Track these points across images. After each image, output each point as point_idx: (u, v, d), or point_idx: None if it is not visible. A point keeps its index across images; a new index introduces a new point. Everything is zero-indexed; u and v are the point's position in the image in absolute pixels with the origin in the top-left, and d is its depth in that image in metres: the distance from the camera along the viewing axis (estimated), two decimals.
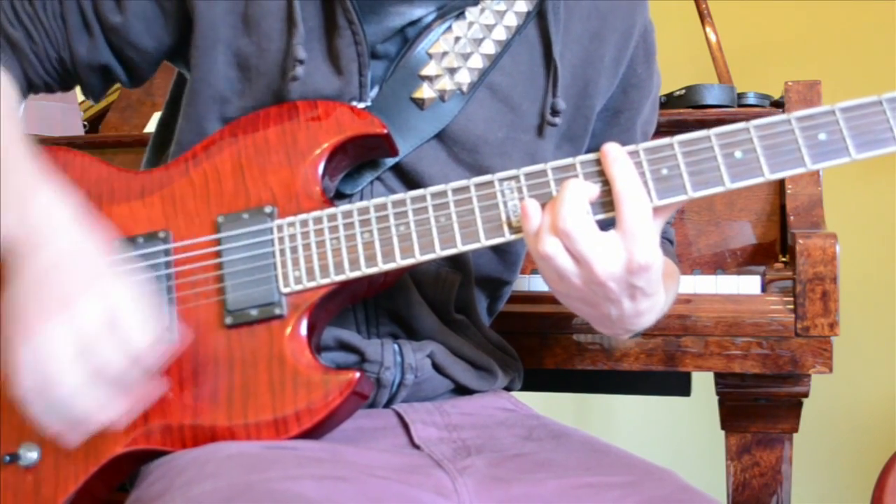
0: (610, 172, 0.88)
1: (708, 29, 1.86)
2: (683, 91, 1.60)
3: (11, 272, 0.88)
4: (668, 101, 1.61)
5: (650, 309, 0.93)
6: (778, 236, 1.51)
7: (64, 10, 1.04)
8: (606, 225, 0.89)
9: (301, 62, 1.00)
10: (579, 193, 0.87)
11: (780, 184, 1.50)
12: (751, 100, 1.60)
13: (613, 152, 0.88)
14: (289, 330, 0.94)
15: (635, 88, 1.14)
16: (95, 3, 1.05)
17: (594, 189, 0.88)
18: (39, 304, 0.86)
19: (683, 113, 1.56)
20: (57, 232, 0.89)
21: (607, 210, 0.89)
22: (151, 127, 1.80)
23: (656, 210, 0.88)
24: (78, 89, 1.13)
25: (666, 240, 1.22)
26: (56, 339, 0.85)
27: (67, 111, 1.98)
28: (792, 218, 1.46)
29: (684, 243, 1.53)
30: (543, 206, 0.89)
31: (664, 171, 0.88)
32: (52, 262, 0.87)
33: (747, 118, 1.55)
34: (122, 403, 0.88)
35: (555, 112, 1.07)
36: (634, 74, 1.13)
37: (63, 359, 0.85)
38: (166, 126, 1.16)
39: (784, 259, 1.49)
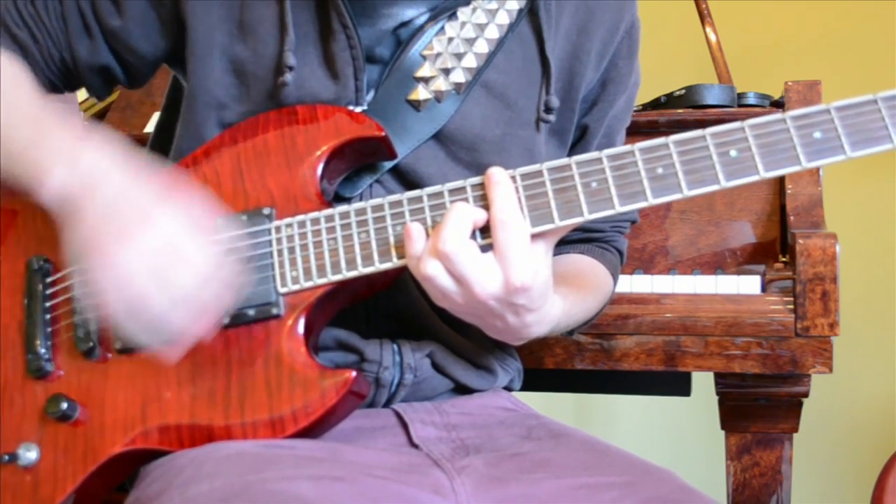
0: (489, 196, 0.89)
1: (708, 29, 1.86)
2: (683, 91, 1.60)
3: (72, 219, 0.90)
4: (668, 101, 1.61)
5: (538, 321, 0.95)
6: (778, 236, 1.51)
7: (65, 12, 1.05)
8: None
9: (290, 69, 1.00)
10: (462, 217, 0.88)
11: (780, 184, 1.50)
12: (751, 100, 1.60)
13: (496, 176, 0.90)
14: (286, 329, 0.94)
15: (613, 82, 1.14)
16: (95, 6, 1.05)
17: (481, 214, 0.89)
18: (109, 233, 0.88)
19: (683, 113, 1.56)
20: (111, 170, 0.91)
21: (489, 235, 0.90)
22: (151, 127, 1.80)
23: (547, 233, 0.90)
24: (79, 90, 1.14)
25: (613, 250, 1.23)
26: (133, 262, 0.87)
27: (67, 112, 1.98)
28: (792, 218, 1.46)
29: (684, 243, 1.53)
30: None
31: (659, 171, 0.88)
32: (113, 196, 0.89)
33: (747, 118, 1.56)
34: (209, 313, 0.90)
35: (549, 109, 1.07)
36: (615, 68, 1.14)
37: (145, 280, 0.87)
38: (163, 132, 1.17)
39: (784, 259, 1.49)
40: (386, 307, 1.05)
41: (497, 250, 0.88)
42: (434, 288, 0.90)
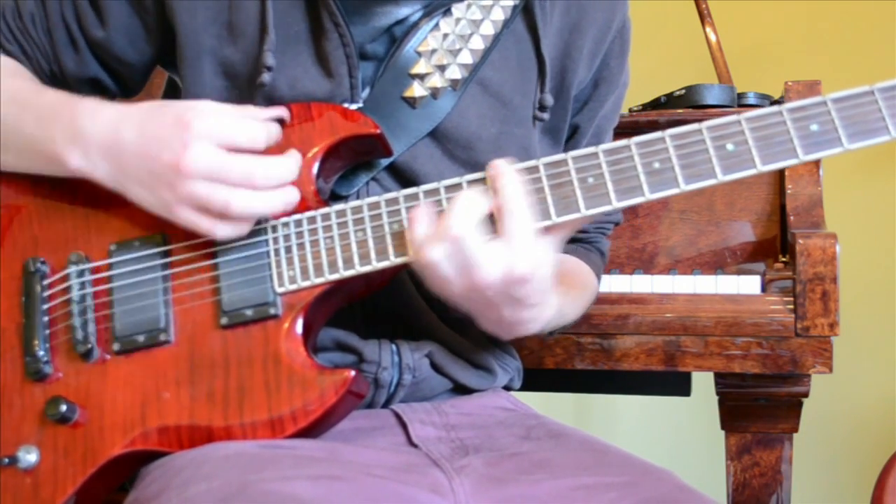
0: (496, 185, 0.89)
1: (708, 29, 1.86)
2: (683, 91, 1.60)
3: (119, 184, 0.94)
4: (668, 101, 1.62)
5: (533, 319, 0.94)
6: (778, 236, 1.51)
7: (50, 26, 1.06)
8: None
9: (269, 69, 1.00)
10: (470, 203, 0.88)
11: (780, 184, 1.50)
12: (751, 100, 1.61)
13: (503, 166, 0.90)
14: (284, 329, 0.94)
15: (605, 82, 1.14)
16: (79, 19, 1.06)
17: (486, 203, 0.89)
18: (151, 172, 0.90)
19: (683, 113, 1.56)
20: (120, 122, 0.93)
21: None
22: None
23: (550, 230, 0.90)
24: None
25: (596, 251, 1.23)
26: (190, 188, 0.89)
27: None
28: (792, 218, 1.46)
29: (684, 243, 1.53)
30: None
31: (656, 165, 0.88)
32: (135, 139, 0.91)
33: None
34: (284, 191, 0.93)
35: (543, 108, 1.07)
36: (607, 68, 1.14)
37: (214, 196, 0.89)
38: None
39: (784, 259, 1.49)
40: (384, 307, 1.05)
41: (503, 238, 0.88)
42: (436, 275, 0.89)
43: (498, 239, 0.88)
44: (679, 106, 1.59)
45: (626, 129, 1.22)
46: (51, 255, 1.00)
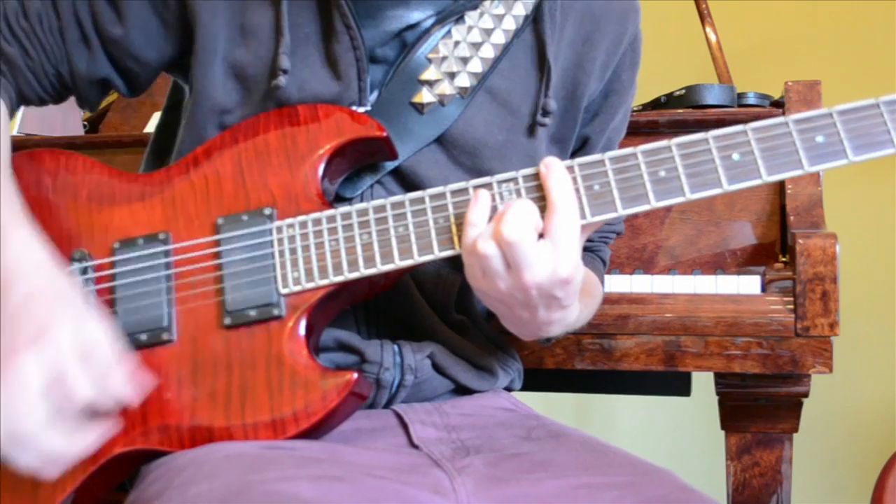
0: (546, 184, 0.89)
1: (708, 29, 1.86)
2: (683, 91, 1.59)
3: None
4: (668, 101, 1.61)
5: (561, 320, 0.95)
6: (778, 236, 1.51)
7: (62, 25, 1.04)
8: None
9: (284, 72, 1.00)
10: (528, 209, 0.88)
11: (780, 184, 1.50)
12: (751, 100, 1.60)
13: (554, 165, 0.90)
14: (287, 330, 0.94)
15: (616, 94, 1.15)
16: (94, 17, 1.05)
17: (539, 213, 0.89)
18: (10, 338, 0.87)
19: (683, 113, 1.56)
20: (29, 271, 0.90)
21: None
22: (151, 127, 1.80)
23: (583, 227, 0.90)
24: None
25: (599, 259, 1.24)
26: (25, 372, 0.85)
27: (67, 111, 1.98)
28: (792, 218, 1.46)
29: (684, 243, 1.53)
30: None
31: (662, 174, 0.89)
32: (24, 299, 0.88)
33: (747, 118, 1.57)
34: (90, 435, 0.90)
35: (545, 112, 1.07)
36: (618, 80, 1.14)
37: (30, 393, 0.85)
38: (163, 133, 1.17)
39: (784, 259, 1.49)
40: (386, 308, 1.05)
41: (551, 236, 0.87)
42: (482, 267, 0.89)
43: (545, 239, 0.88)
44: (679, 106, 1.59)
45: (626, 129, 1.23)
46: (53, 252, 0.99)
